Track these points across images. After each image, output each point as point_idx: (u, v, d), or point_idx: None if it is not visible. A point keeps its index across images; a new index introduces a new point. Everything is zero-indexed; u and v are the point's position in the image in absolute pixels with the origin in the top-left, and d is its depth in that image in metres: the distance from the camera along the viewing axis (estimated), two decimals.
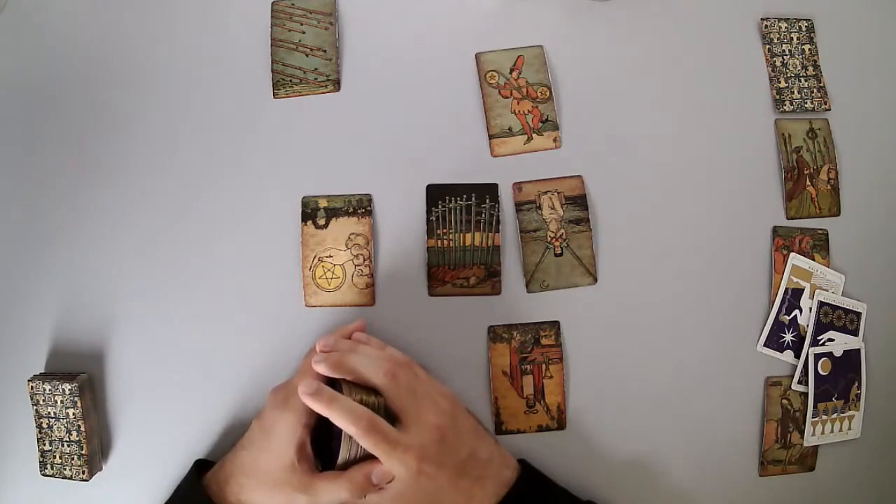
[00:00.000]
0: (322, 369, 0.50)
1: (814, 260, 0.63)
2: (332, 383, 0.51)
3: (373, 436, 0.47)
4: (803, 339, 0.63)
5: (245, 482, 0.51)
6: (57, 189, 0.63)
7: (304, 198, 0.62)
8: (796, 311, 0.63)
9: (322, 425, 0.52)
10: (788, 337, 0.63)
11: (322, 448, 0.52)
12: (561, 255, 0.62)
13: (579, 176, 0.63)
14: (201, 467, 0.55)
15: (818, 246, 0.64)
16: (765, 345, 0.62)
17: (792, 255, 0.63)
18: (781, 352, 0.62)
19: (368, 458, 0.50)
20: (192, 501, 0.52)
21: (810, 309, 0.63)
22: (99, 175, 0.63)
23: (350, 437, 0.48)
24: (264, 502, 0.50)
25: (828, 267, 0.64)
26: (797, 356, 0.62)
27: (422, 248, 0.62)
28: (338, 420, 0.47)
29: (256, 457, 0.51)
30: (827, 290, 0.63)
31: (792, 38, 0.67)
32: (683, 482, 0.61)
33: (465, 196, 0.62)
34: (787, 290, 0.63)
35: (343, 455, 0.49)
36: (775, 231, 0.64)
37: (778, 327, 0.62)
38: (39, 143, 0.63)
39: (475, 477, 0.51)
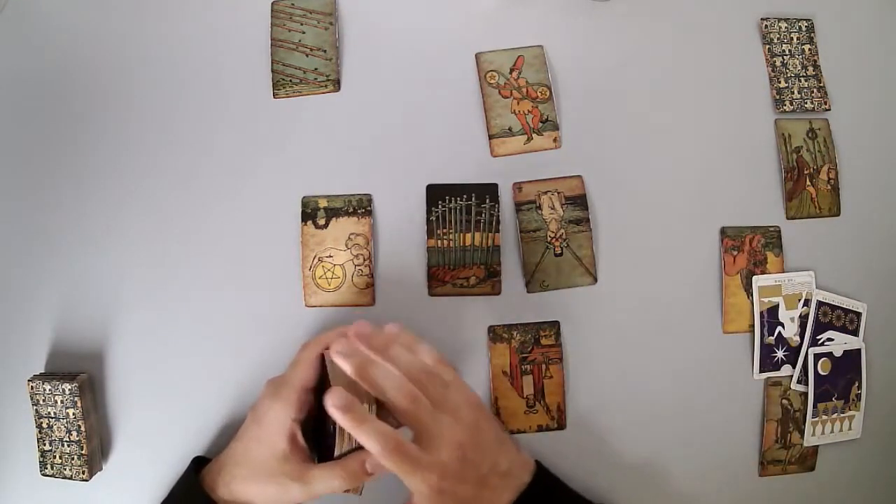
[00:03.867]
0: (347, 368, 0.48)
1: (766, 260, 0.63)
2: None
3: (396, 457, 0.46)
4: (795, 348, 0.62)
5: (237, 472, 0.51)
6: (56, 189, 0.63)
7: (304, 198, 0.62)
8: (779, 328, 0.62)
9: (317, 419, 0.52)
10: (780, 354, 0.62)
11: (318, 441, 0.52)
12: (561, 255, 0.62)
13: (579, 176, 0.63)
14: (199, 464, 0.55)
15: (770, 244, 0.63)
16: (760, 371, 0.62)
17: (755, 277, 0.62)
18: (779, 369, 0.62)
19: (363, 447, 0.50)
20: (187, 494, 0.52)
21: (792, 319, 0.63)
22: (98, 175, 0.63)
23: (346, 433, 0.48)
24: (256, 492, 0.50)
25: (783, 264, 0.63)
26: (795, 366, 0.62)
27: (422, 248, 0.62)
28: (364, 439, 0.46)
29: (248, 446, 0.52)
30: (803, 293, 0.63)
31: (792, 38, 0.67)
32: (684, 482, 0.61)
33: (465, 196, 0.62)
34: (761, 313, 0.62)
35: (338, 451, 0.49)
36: (723, 231, 0.63)
37: (766, 350, 0.62)
38: (39, 143, 0.63)
39: (495, 486, 0.51)
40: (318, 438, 0.52)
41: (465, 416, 0.50)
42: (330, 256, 0.61)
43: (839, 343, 0.63)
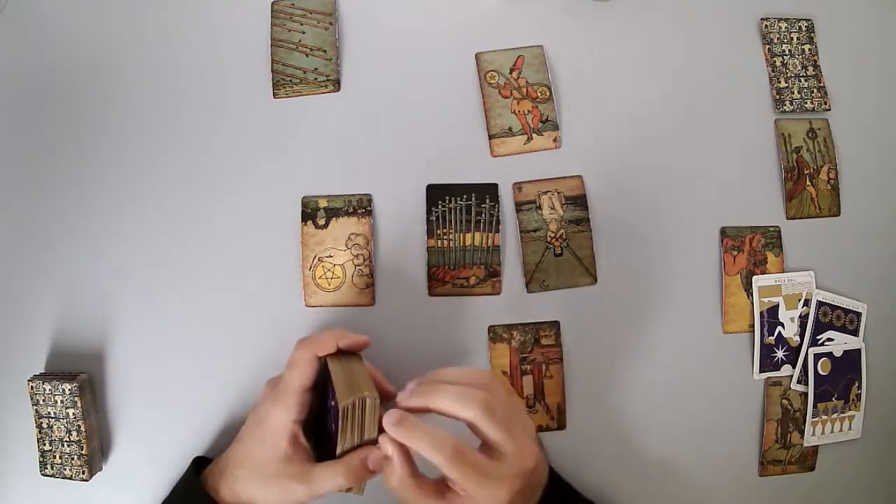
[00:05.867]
0: (414, 401, 0.47)
1: (766, 260, 0.63)
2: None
3: (460, 465, 0.45)
4: (795, 348, 0.62)
5: (240, 474, 0.51)
6: (56, 189, 0.63)
7: (304, 198, 0.62)
8: (779, 328, 0.62)
9: (317, 416, 0.52)
10: (780, 354, 0.62)
11: (318, 439, 0.52)
12: (561, 255, 0.62)
13: (579, 176, 0.63)
14: (200, 464, 0.55)
15: (770, 244, 0.63)
16: (760, 371, 0.62)
17: (755, 277, 0.62)
18: (779, 369, 0.62)
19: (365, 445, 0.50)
20: (189, 496, 0.52)
21: (792, 319, 0.63)
22: (99, 175, 0.63)
23: (347, 433, 0.48)
24: (259, 493, 0.50)
25: (783, 264, 0.63)
26: (794, 366, 0.62)
27: (422, 248, 0.62)
28: (420, 448, 0.45)
29: (250, 448, 0.52)
30: (803, 293, 0.63)
31: (792, 38, 0.67)
32: (683, 482, 0.61)
33: (465, 196, 0.62)
34: (761, 313, 0.62)
35: (340, 449, 0.49)
36: (723, 232, 0.63)
37: (766, 350, 0.62)
38: (39, 144, 0.63)
39: (531, 495, 0.50)
40: (318, 436, 0.52)
41: (532, 427, 0.50)
42: (330, 256, 0.61)
43: (839, 343, 0.63)
